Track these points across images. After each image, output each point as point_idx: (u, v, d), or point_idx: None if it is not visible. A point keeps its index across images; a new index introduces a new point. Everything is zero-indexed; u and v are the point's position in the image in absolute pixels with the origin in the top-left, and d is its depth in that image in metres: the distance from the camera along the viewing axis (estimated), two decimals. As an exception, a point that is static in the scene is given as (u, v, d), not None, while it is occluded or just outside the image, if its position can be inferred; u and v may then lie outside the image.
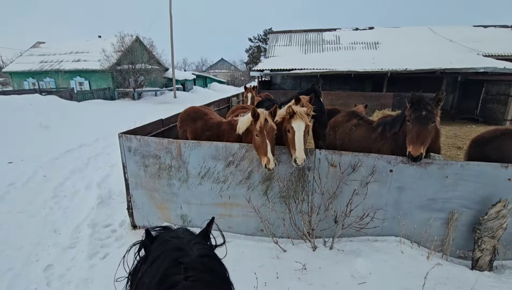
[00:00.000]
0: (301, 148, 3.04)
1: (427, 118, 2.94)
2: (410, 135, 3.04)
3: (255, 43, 51.56)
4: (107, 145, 9.10)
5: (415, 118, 2.99)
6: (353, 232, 3.53)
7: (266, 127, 3.12)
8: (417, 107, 3.01)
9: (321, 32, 23.34)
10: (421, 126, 2.95)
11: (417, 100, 3.06)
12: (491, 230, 3.09)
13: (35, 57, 27.68)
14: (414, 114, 3.01)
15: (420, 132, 2.95)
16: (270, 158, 3.04)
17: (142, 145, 3.88)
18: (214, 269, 0.96)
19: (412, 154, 2.96)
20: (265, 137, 3.09)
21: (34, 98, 13.70)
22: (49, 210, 4.92)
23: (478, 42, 18.76)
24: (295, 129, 3.09)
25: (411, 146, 2.99)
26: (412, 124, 3.02)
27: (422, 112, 2.96)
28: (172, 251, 0.95)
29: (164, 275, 0.88)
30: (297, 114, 3.14)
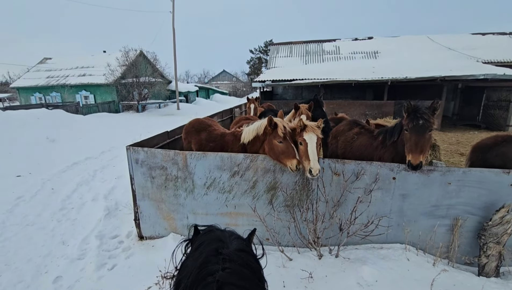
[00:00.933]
0: (315, 159, 3.11)
1: (424, 126, 3.00)
2: (408, 144, 3.09)
3: (256, 55, 52.42)
4: (113, 158, 9.24)
5: (412, 127, 3.05)
6: (358, 239, 3.56)
7: (287, 132, 3.27)
8: (414, 116, 3.07)
9: (321, 43, 23.76)
10: (418, 135, 3.00)
11: (414, 109, 3.12)
12: (496, 236, 3.10)
13: (42, 72, 28.38)
14: (411, 123, 3.07)
15: (418, 140, 3.00)
16: (298, 159, 3.18)
17: (149, 157, 3.98)
18: (249, 264, 0.99)
19: (412, 163, 3.01)
20: (289, 141, 3.24)
21: (41, 112, 13.99)
22: (57, 222, 4.99)
23: (476, 49, 18.97)
24: (308, 141, 3.18)
25: (410, 154, 3.04)
26: (410, 133, 3.08)
27: (419, 121, 3.01)
28: (214, 241, 1.00)
29: (205, 262, 0.93)
30: (308, 127, 3.25)
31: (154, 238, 4.32)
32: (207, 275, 0.89)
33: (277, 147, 3.31)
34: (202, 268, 0.91)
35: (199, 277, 0.90)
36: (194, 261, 0.97)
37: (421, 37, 22.45)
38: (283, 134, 3.23)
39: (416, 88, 15.53)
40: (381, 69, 15.01)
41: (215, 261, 0.93)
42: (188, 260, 1.03)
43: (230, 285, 0.88)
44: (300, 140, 3.24)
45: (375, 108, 13.91)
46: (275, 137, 3.30)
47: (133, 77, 23.86)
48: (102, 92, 24.99)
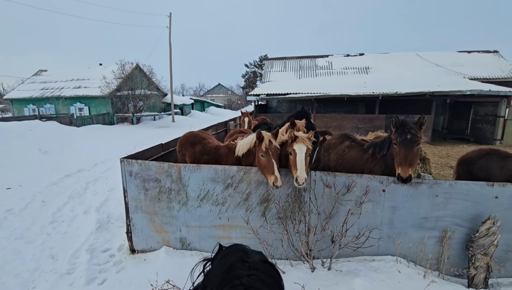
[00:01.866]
0: (302, 168, 3.19)
1: (412, 141, 3.12)
2: (398, 157, 3.20)
3: (251, 69, 53.36)
4: (106, 170, 9.17)
5: (401, 142, 3.16)
6: (350, 252, 3.59)
7: (271, 147, 3.32)
8: (402, 131, 3.19)
9: (314, 58, 24.41)
10: (407, 148, 3.12)
11: (401, 124, 3.26)
12: (483, 247, 3.18)
13: (36, 84, 28.33)
14: (399, 137, 3.19)
15: (407, 154, 3.11)
16: (277, 176, 3.20)
17: (143, 169, 4.01)
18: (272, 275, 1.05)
19: (402, 176, 3.10)
20: (271, 157, 3.28)
21: (34, 124, 13.91)
22: (47, 235, 4.90)
23: (463, 66, 19.74)
24: (297, 151, 3.28)
25: (400, 168, 3.13)
26: (399, 147, 3.19)
27: (407, 136, 3.14)
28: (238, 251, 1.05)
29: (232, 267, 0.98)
30: (299, 138, 3.37)
31: (146, 252, 4.27)
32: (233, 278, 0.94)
33: (260, 161, 3.40)
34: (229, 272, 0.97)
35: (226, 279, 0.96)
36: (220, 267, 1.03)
37: (410, 53, 23.28)
38: (265, 149, 3.30)
39: (406, 103, 15.97)
40: (373, 84, 15.45)
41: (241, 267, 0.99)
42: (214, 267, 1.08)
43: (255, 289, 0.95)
44: (290, 150, 3.33)
45: (367, 122, 14.20)
46: (259, 150, 3.39)
47: (128, 90, 23.98)
48: (97, 104, 24.98)
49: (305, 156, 3.27)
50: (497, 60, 20.46)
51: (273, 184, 3.21)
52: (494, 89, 12.76)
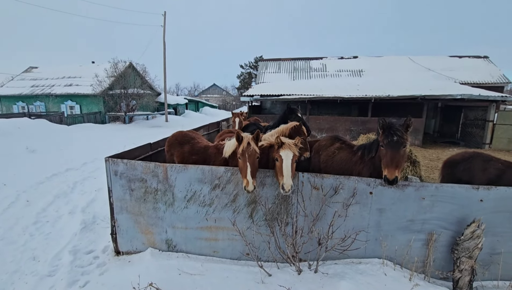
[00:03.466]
0: (288, 175, 3.14)
1: (398, 143, 3.11)
2: (384, 159, 3.19)
3: (246, 70, 53.32)
4: (95, 169, 9.01)
5: (387, 144, 3.16)
6: (337, 254, 3.57)
7: (248, 150, 3.22)
8: (388, 133, 3.19)
9: (308, 60, 24.51)
10: (393, 150, 3.11)
11: (388, 126, 3.25)
12: (468, 250, 3.19)
13: (26, 81, 27.77)
14: (386, 139, 3.18)
15: (393, 156, 3.11)
16: (249, 180, 3.12)
17: (128, 169, 3.92)
18: None
19: (388, 178, 3.09)
20: (246, 160, 3.19)
21: (23, 121, 13.60)
22: (29, 236, 4.77)
23: (454, 70, 20.07)
24: (283, 158, 3.21)
25: (386, 169, 3.12)
26: (385, 149, 3.18)
27: (393, 138, 3.13)
28: None
29: None
30: (285, 144, 3.31)
31: (131, 253, 4.18)
32: None
33: (238, 163, 3.35)
34: None
35: None
36: None
37: (402, 57, 23.57)
38: (242, 151, 3.24)
39: (398, 106, 16.14)
40: (366, 87, 15.57)
41: None
42: None
43: None
44: (277, 156, 3.28)
45: (360, 124, 14.30)
46: (238, 152, 3.33)
47: (121, 88, 23.70)
48: (89, 103, 24.61)
49: (291, 162, 3.20)
50: (487, 66, 20.87)
51: (244, 188, 3.17)
52: (483, 93, 12.98)
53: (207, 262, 3.84)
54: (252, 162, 3.19)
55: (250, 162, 3.18)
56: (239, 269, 3.69)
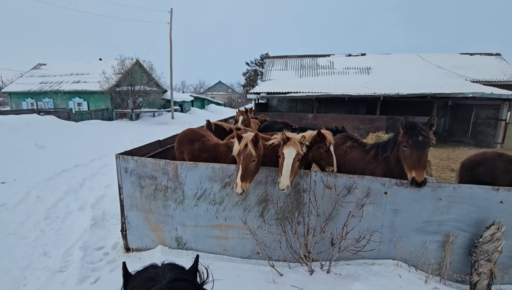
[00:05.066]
0: (286, 175, 3.04)
1: (424, 143, 2.98)
2: (409, 160, 3.04)
3: (252, 67, 53.09)
4: (103, 166, 9.06)
5: (413, 144, 3.01)
6: (350, 255, 3.50)
7: (244, 152, 3.11)
8: (413, 133, 3.04)
9: (315, 58, 24.26)
10: (419, 151, 2.98)
11: (412, 126, 3.11)
12: (486, 253, 3.09)
13: (35, 78, 28.10)
14: (411, 139, 3.03)
15: (420, 157, 2.97)
16: (238, 182, 3.03)
17: (139, 166, 3.91)
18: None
19: (417, 180, 2.94)
20: (240, 162, 3.10)
21: (32, 118, 13.74)
22: (40, 232, 4.80)
23: (465, 68, 19.63)
24: (285, 155, 3.13)
25: (414, 171, 2.97)
26: (411, 149, 3.03)
27: (418, 138, 2.99)
28: (144, 282, 0.96)
29: None
30: (290, 140, 3.20)
31: (141, 250, 4.18)
32: None
33: None
34: None
35: None
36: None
37: (412, 55, 23.15)
38: (238, 152, 3.17)
39: (407, 104, 15.88)
40: (374, 84, 15.34)
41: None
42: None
43: None
44: (280, 153, 3.21)
45: (368, 123, 14.11)
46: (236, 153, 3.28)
47: (128, 85, 23.82)
48: (96, 99, 24.81)
49: (293, 161, 3.10)
50: (499, 63, 20.36)
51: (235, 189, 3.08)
52: (496, 92, 12.67)
53: (217, 260, 3.81)
54: (245, 165, 3.08)
55: (243, 164, 3.08)
56: (249, 268, 3.65)
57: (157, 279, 0.99)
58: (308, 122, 14.65)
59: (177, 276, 1.00)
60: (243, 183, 3.04)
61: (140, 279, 1.01)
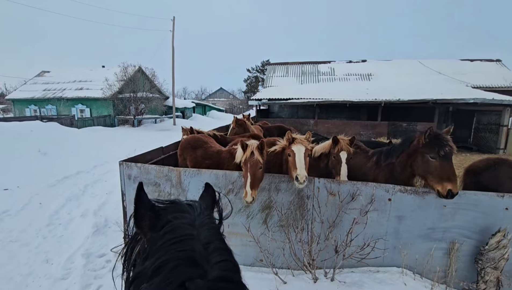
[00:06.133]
0: (302, 167, 3.09)
1: (451, 153, 2.98)
2: (439, 172, 2.98)
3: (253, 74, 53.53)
4: (105, 172, 9.08)
5: (444, 156, 2.96)
6: (354, 262, 3.47)
7: (250, 160, 3.13)
8: (441, 144, 2.98)
9: (316, 64, 24.43)
10: (449, 162, 2.96)
11: (436, 137, 3.06)
12: (493, 261, 3.06)
13: (38, 85, 28.40)
14: (442, 150, 2.97)
15: (451, 167, 2.94)
16: (247, 191, 3.04)
17: (142, 172, 3.92)
18: None
19: (454, 192, 2.89)
20: (248, 170, 3.11)
21: (35, 124, 13.83)
22: (43, 239, 4.79)
23: (466, 74, 19.71)
24: (296, 152, 3.20)
25: (450, 184, 2.90)
26: (441, 161, 2.97)
27: (446, 148, 2.95)
28: (181, 264, 0.76)
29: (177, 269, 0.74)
30: (297, 139, 3.30)
31: (144, 258, 4.15)
32: None
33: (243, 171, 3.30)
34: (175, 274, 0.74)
35: None
36: (164, 259, 0.77)
37: (412, 61, 23.27)
38: (245, 160, 3.18)
39: (409, 110, 15.89)
40: (375, 90, 15.39)
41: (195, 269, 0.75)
42: (158, 249, 0.82)
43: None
44: (289, 151, 3.26)
45: (370, 128, 14.11)
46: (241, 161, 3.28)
47: (130, 92, 24.01)
48: (99, 106, 24.99)
49: (304, 156, 3.18)
50: (499, 69, 20.42)
51: (243, 198, 3.09)
52: (497, 97, 12.67)
53: (220, 268, 3.77)
54: (253, 173, 3.10)
55: (251, 172, 3.09)
56: (252, 275, 3.61)
57: (199, 263, 0.76)
58: (309, 128, 14.66)
59: (227, 266, 0.81)
60: (253, 191, 3.06)
61: (174, 254, 0.79)
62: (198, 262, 0.77)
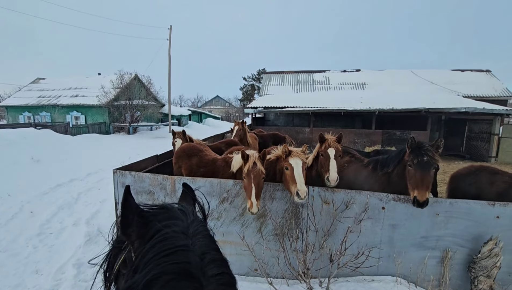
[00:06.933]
0: (301, 182, 3.10)
1: (429, 163, 3.00)
2: (413, 180, 3.05)
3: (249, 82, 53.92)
4: (99, 180, 8.97)
5: (417, 164, 3.03)
6: (349, 271, 3.46)
7: (253, 170, 3.15)
8: (419, 153, 3.06)
9: (311, 73, 24.76)
10: (423, 171, 2.99)
11: (418, 146, 3.14)
12: (485, 269, 3.08)
13: (33, 92, 28.21)
14: (416, 159, 3.05)
15: (423, 177, 2.98)
16: (253, 202, 3.05)
17: (136, 181, 3.89)
18: None
19: (419, 199, 2.95)
20: (251, 181, 3.11)
21: (28, 131, 13.70)
22: (33, 248, 4.69)
23: (457, 84, 20.16)
24: (293, 166, 3.19)
25: (417, 191, 2.98)
26: (415, 169, 3.04)
27: (423, 158, 3.01)
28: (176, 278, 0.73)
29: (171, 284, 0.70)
30: (293, 152, 3.29)
31: (136, 268, 4.08)
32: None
33: (243, 182, 3.28)
34: None
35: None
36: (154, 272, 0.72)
37: (405, 71, 23.74)
38: (247, 171, 3.17)
39: (402, 119, 16.12)
40: (369, 99, 15.61)
41: None
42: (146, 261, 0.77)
43: None
44: (286, 165, 3.25)
45: (364, 137, 14.25)
46: (244, 171, 3.25)
47: (126, 100, 23.98)
48: (94, 113, 24.87)
49: (302, 169, 3.19)
50: (489, 79, 20.94)
51: (248, 209, 3.09)
52: (488, 107, 12.96)
53: (214, 278, 3.72)
54: (257, 183, 3.11)
55: (255, 183, 3.10)
56: (247, 285, 3.58)
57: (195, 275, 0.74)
58: (304, 136, 14.77)
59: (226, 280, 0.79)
60: (258, 201, 3.08)
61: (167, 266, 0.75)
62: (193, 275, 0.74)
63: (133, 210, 0.90)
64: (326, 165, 3.47)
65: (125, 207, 0.90)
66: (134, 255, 0.85)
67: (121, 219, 0.90)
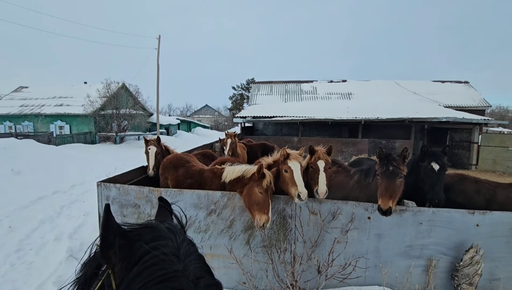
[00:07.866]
0: (302, 184, 3.17)
1: (394, 173, 3.11)
2: (379, 188, 3.16)
3: (238, 91, 54.33)
4: (83, 192, 8.71)
5: (383, 173, 3.15)
6: (336, 282, 3.47)
7: (270, 187, 3.23)
8: (385, 163, 3.19)
9: (299, 83, 25.24)
10: (388, 180, 3.10)
11: (385, 156, 3.26)
12: (468, 277, 3.16)
13: (15, 101, 27.36)
14: (381, 168, 3.19)
15: (388, 186, 3.08)
16: (270, 217, 3.11)
17: (121, 194, 3.81)
18: None
19: (381, 207, 3.04)
20: (268, 197, 3.16)
21: (9, 142, 13.18)
22: (10, 266, 4.46)
23: (438, 94, 21.01)
24: (293, 168, 3.25)
25: (380, 199, 3.08)
26: (381, 178, 3.17)
27: (389, 168, 3.13)
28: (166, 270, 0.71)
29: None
30: (291, 155, 3.37)
31: (121, 284, 3.95)
32: None
33: (255, 196, 3.20)
34: None
35: None
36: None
37: (389, 81, 24.59)
38: (266, 186, 3.18)
39: (387, 127, 16.58)
40: (355, 109, 16.02)
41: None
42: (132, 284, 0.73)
43: None
44: (285, 167, 3.30)
45: (351, 145, 14.54)
46: (258, 185, 3.21)
47: (113, 109, 23.59)
48: (79, 123, 24.30)
49: (300, 172, 3.26)
50: (468, 90, 21.96)
51: (263, 225, 3.07)
52: (467, 116, 13.54)
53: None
54: (271, 198, 3.24)
55: (271, 198, 3.21)
56: (235, 299, 3.52)
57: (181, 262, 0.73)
58: (293, 145, 14.91)
59: None
60: None
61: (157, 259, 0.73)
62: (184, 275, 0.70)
63: (115, 231, 0.83)
64: (316, 178, 3.51)
65: (105, 227, 0.82)
66: (114, 282, 0.78)
67: (100, 241, 0.81)
